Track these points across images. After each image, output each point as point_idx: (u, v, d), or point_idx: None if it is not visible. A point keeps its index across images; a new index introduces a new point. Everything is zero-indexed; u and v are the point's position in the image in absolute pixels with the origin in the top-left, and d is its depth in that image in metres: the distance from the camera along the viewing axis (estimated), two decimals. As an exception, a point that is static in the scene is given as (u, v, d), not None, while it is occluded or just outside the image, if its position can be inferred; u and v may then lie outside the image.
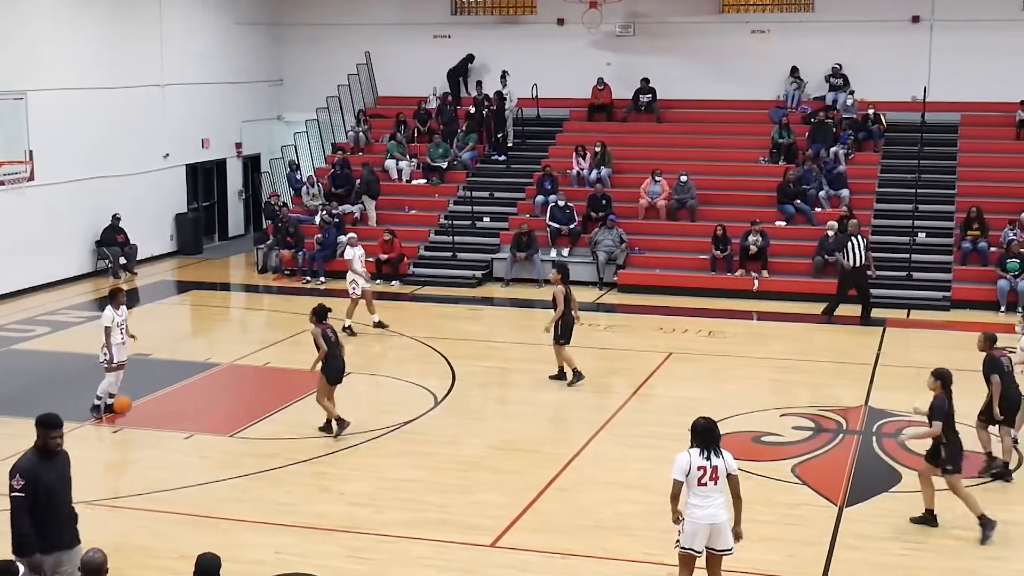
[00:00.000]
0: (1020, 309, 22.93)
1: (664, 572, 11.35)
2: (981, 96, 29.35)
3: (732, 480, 9.95)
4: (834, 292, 23.23)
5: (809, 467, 14.53)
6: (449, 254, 27.80)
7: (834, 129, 28.97)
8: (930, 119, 28.75)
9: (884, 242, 26.20)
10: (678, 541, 10.15)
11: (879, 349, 20.74)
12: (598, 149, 29.18)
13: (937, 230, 26.43)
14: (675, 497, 10.00)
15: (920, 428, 13.17)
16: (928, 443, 12.66)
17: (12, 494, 9.17)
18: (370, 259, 25.85)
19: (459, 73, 32.73)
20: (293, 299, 25.06)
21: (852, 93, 30.11)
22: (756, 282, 25.13)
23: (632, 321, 19.91)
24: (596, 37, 31.91)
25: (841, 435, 15.88)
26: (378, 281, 26.21)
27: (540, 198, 28.25)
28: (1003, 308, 23.61)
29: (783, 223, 26.98)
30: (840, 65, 30.45)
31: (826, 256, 25.01)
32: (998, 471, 14.23)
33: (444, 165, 30.31)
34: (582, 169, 29.24)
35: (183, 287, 27.34)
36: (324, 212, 28.28)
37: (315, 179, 30.10)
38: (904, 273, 25.14)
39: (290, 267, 27.73)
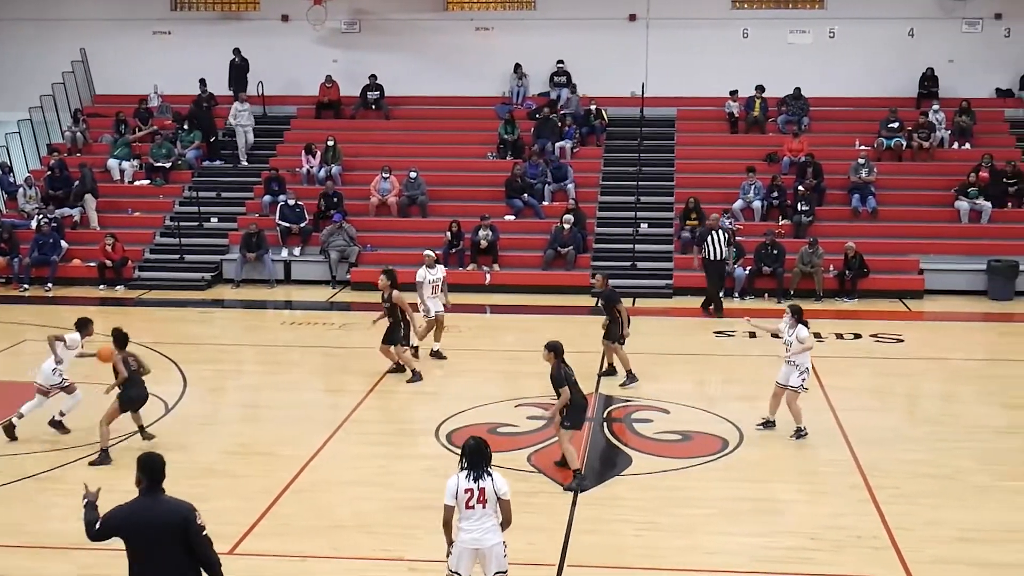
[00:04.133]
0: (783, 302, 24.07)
1: (405, 567, 11.35)
2: (695, 91, 30.65)
3: (501, 504, 9.54)
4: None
5: (544, 455, 14.77)
6: (176, 256, 27.02)
7: (559, 124, 29.64)
8: (648, 114, 29.85)
9: (608, 233, 27.07)
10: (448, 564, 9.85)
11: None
12: (331, 144, 28.94)
13: (658, 220, 27.42)
14: (446, 523, 9.58)
15: (552, 405, 14.01)
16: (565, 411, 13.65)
17: None
18: (91, 263, 24.94)
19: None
20: (10, 308, 23.83)
21: (575, 89, 30.87)
22: (488, 276, 25.46)
23: (366, 319, 19.85)
24: (322, 34, 31.66)
25: (574, 422, 16.20)
26: (101, 287, 25.28)
27: (269, 197, 27.82)
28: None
29: (512, 217, 27.45)
30: (563, 62, 31.19)
31: (559, 249, 25.62)
32: None
33: (168, 165, 29.44)
34: (312, 167, 28.95)
35: None
36: (41, 216, 26.97)
37: (32, 181, 28.67)
38: (628, 263, 25.95)
39: (5, 274, 26.32)
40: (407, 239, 27.03)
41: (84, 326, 15.65)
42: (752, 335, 21.29)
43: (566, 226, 25.88)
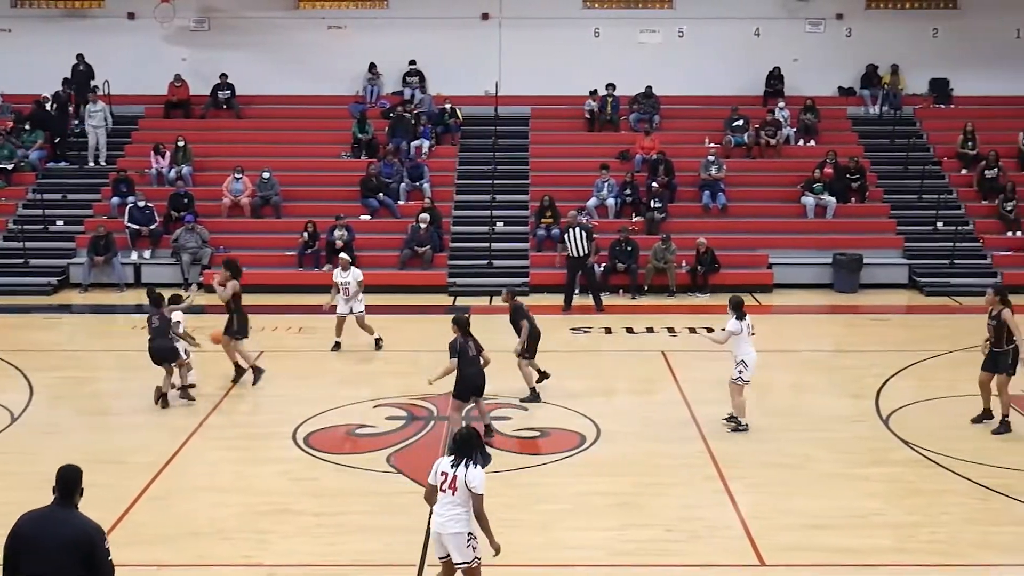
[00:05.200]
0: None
1: (264, 572, 11.21)
2: (549, 90, 30.87)
3: (474, 498, 9.67)
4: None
5: (403, 456, 14.74)
6: (20, 261, 26.20)
7: (413, 123, 29.58)
8: (503, 112, 30.01)
9: (465, 232, 27.13)
10: None
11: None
12: (181, 144, 28.41)
13: (513, 219, 27.57)
14: (426, 498, 9.99)
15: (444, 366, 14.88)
16: (451, 377, 14.82)
17: None
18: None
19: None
20: None
21: (425, 89, 30.85)
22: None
23: (220, 322, 19.50)
24: (169, 32, 31.08)
25: (432, 422, 16.20)
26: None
27: (117, 199, 27.19)
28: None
29: (368, 217, 27.31)
30: (415, 62, 31.13)
31: (415, 248, 25.59)
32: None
33: (10, 167, 28.56)
34: (161, 168, 28.38)
35: None
36: None
37: None
38: (485, 261, 26.04)
39: None
40: (261, 240, 26.68)
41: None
42: (608, 331, 21.55)
43: (422, 225, 25.85)
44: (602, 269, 25.14)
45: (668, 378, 18.47)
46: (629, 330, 22.06)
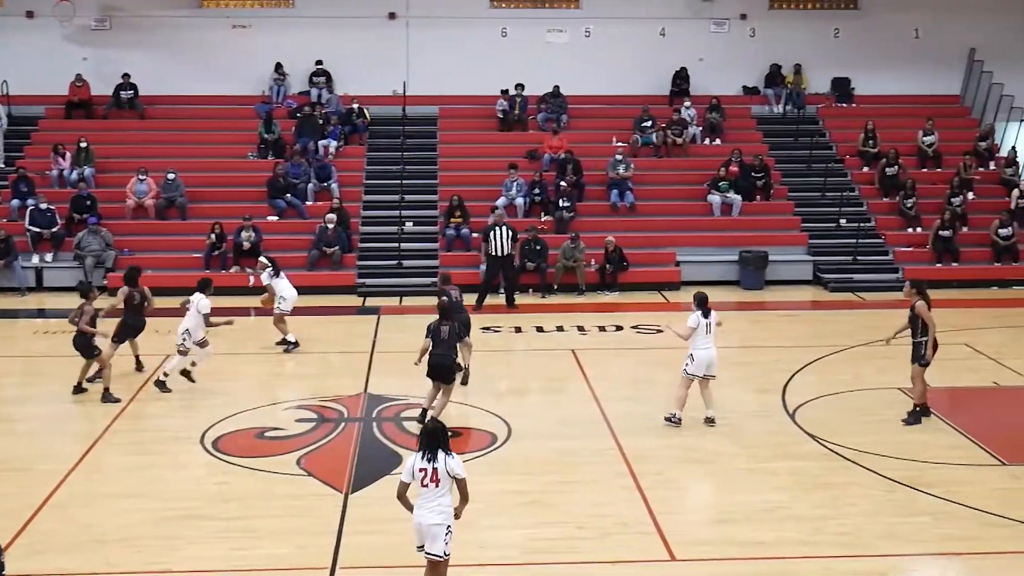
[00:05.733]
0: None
1: (172, 580, 11.09)
2: (457, 90, 30.83)
3: (458, 483, 10.05)
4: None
5: (313, 458, 14.64)
6: (-84, 265, 25.57)
7: (320, 123, 29.38)
8: (411, 112, 29.96)
9: (373, 233, 27.04)
10: None
11: (375, 336, 21.29)
12: (83, 145, 27.92)
13: (423, 219, 27.51)
14: (399, 497, 10.20)
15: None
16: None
17: None
18: None
19: None
20: None
21: (333, 88, 30.67)
22: (252, 278, 24.96)
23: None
24: (70, 31, 30.52)
25: (343, 424, 16.11)
26: None
27: (16, 201, 26.64)
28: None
29: (275, 218, 27.08)
30: (321, 62, 30.92)
31: (324, 249, 25.45)
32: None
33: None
34: (62, 169, 27.85)
35: None
36: None
37: None
38: (395, 262, 25.97)
39: None
40: (166, 242, 26.33)
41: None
42: (518, 330, 21.60)
43: (330, 226, 25.70)
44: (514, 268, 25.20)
45: (578, 376, 18.55)
46: (539, 329, 22.12)
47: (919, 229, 27.48)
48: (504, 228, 24.13)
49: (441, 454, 9.98)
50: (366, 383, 18.04)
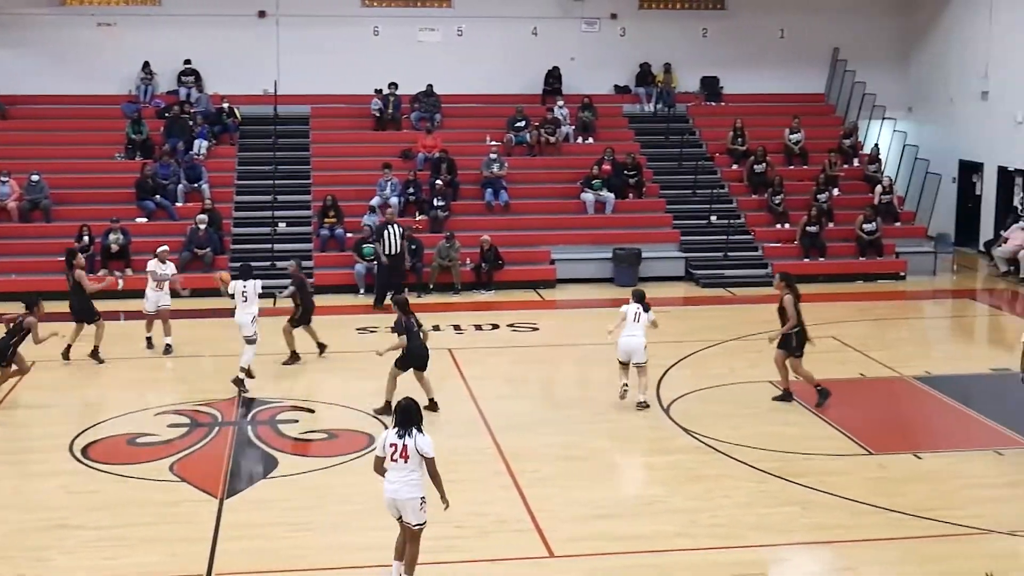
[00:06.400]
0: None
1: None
2: (330, 89, 30.57)
3: (427, 462, 10.48)
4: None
5: (187, 463, 14.40)
6: None
7: (190, 123, 28.91)
8: (282, 112, 29.56)
9: (246, 234, 26.69)
10: None
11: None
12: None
13: (296, 219, 27.24)
14: (377, 470, 10.70)
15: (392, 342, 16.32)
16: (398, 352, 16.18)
17: None
18: None
19: None
20: None
21: (203, 88, 30.22)
22: (121, 281, 24.46)
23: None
24: (-75, 28, 29.55)
25: (217, 428, 15.89)
26: None
27: None
28: (362, 291, 24.85)
29: (144, 220, 26.56)
30: (190, 61, 30.42)
31: (195, 250, 25.06)
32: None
33: None
34: (-81, 171, 26.96)
35: None
36: None
37: None
38: (268, 263, 25.64)
39: None
40: (31, 246, 25.62)
41: None
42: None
43: (201, 227, 25.29)
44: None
45: (455, 375, 18.55)
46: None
47: (787, 225, 28.05)
48: (396, 227, 24.10)
49: (414, 431, 10.45)
50: (240, 388, 17.77)
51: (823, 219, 27.54)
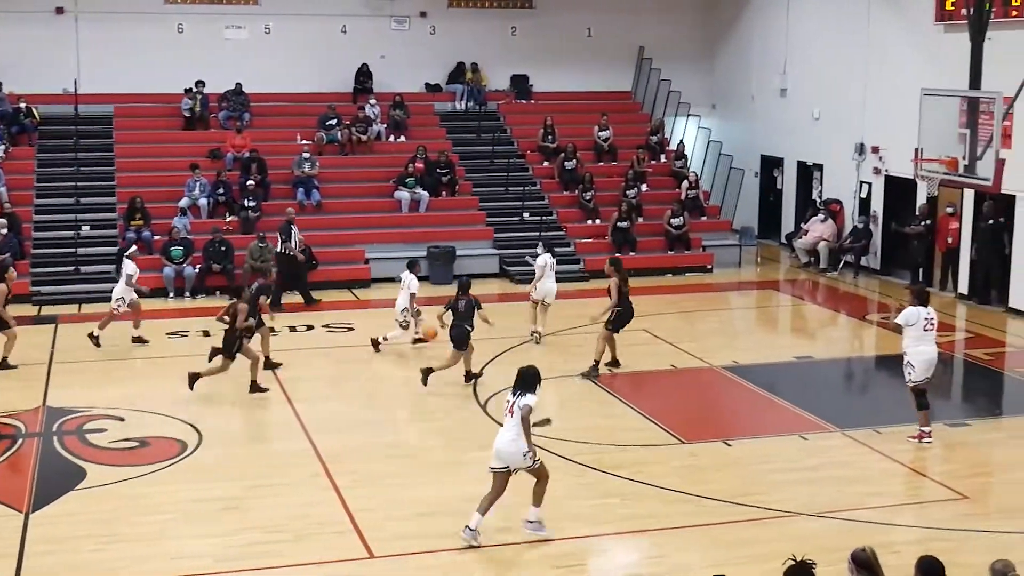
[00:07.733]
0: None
1: None
2: (134, 88, 29.73)
3: (521, 410, 11.81)
4: None
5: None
6: None
7: (-12, 123, 27.80)
8: (84, 111, 28.64)
9: (47, 238, 25.79)
10: None
11: (53, 346, 20.30)
12: None
13: (101, 222, 26.45)
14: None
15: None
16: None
17: None
18: None
19: None
20: None
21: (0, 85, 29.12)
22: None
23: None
24: None
25: (21, 440, 15.31)
26: None
27: None
28: (171, 294, 24.29)
29: (-62, 225, 25.42)
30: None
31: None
32: None
33: None
34: None
35: None
36: None
37: None
38: (72, 268, 24.87)
39: None
40: None
41: None
42: (206, 334, 21.05)
43: (2, 231, 24.31)
44: (197, 271, 24.59)
45: (270, 378, 18.24)
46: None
47: (598, 221, 28.48)
48: (294, 226, 23.88)
49: (522, 393, 11.88)
50: (44, 396, 17.18)
51: (633, 214, 28.05)
